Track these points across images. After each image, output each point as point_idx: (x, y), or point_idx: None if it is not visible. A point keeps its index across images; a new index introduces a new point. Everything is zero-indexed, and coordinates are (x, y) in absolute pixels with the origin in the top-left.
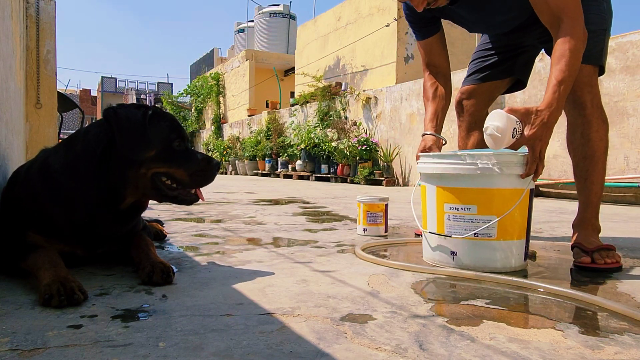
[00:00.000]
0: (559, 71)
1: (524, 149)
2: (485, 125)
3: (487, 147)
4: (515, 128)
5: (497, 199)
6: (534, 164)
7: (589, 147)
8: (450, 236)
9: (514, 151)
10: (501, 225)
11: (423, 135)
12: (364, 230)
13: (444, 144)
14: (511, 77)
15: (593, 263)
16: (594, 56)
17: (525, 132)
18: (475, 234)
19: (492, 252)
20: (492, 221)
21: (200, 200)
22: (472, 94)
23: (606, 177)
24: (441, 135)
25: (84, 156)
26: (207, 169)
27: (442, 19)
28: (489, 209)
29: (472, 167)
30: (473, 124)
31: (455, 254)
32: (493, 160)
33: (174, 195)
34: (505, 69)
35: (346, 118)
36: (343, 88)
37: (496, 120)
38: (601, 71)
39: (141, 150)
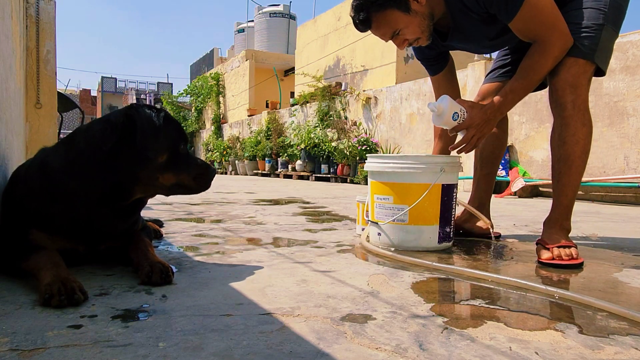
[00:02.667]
0: (514, 80)
1: (436, 158)
2: (430, 103)
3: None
4: (457, 113)
5: (407, 191)
6: (462, 144)
7: (563, 150)
8: (377, 222)
9: (422, 154)
10: (412, 213)
11: None
12: (364, 230)
13: None
14: None
15: (555, 259)
16: (581, 50)
17: (467, 121)
18: (393, 219)
19: (406, 234)
20: (404, 209)
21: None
22: (487, 95)
23: (606, 177)
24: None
25: (88, 153)
26: (205, 174)
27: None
28: (402, 200)
29: (390, 165)
30: None
31: (380, 235)
32: (404, 161)
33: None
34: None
35: (346, 118)
36: (343, 88)
37: (440, 101)
38: (600, 73)
39: (156, 151)
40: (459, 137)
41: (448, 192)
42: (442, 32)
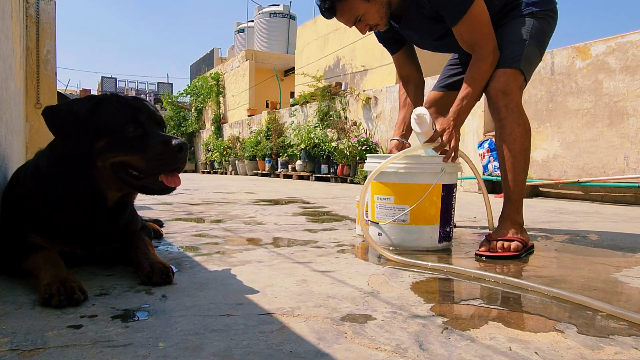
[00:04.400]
0: (464, 89)
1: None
2: (414, 111)
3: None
4: (433, 123)
5: (408, 192)
6: (442, 147)
7: (504, 149)
8: (378, 222)
9: (420, 155)
10: (413, 213)
11: (391, 140)
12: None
13: (408, 147)
14: None
15: (490, 252)
16: (507, 61)
17: (437, 127)
18: (393, 219)
19: (407, 234)
20: (405, 209)
21: (174, 187)
22: (433, 102)
23: (606, 177)
24: (407, 140)
25: (63, 158)
26: (165, 152)
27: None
28: (402, 200)
29: (390, 165)
30: None
31: (381, 235)
32: (404, 161)
33: (141, 185)
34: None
35: (346, 118)
36: (343, 88)
37: (422, 110)
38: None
39: (86, 143)
40: (430, 145)
41: (448, 192)
42: (399, 17)
